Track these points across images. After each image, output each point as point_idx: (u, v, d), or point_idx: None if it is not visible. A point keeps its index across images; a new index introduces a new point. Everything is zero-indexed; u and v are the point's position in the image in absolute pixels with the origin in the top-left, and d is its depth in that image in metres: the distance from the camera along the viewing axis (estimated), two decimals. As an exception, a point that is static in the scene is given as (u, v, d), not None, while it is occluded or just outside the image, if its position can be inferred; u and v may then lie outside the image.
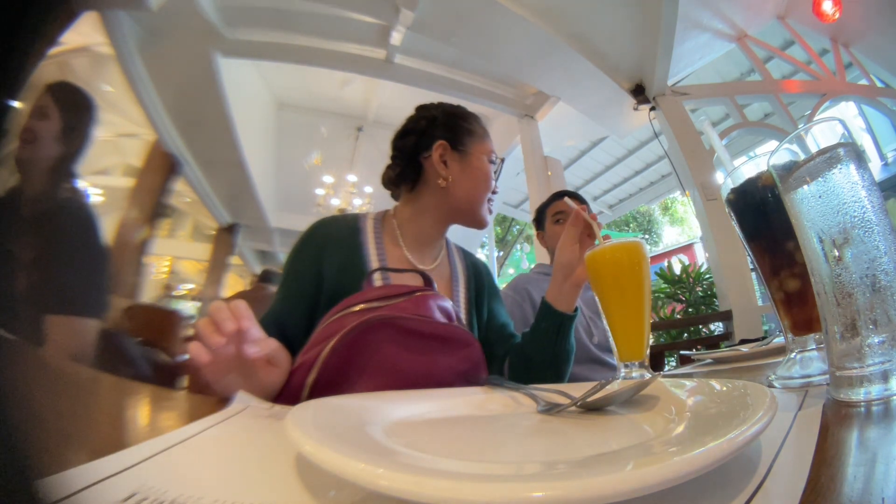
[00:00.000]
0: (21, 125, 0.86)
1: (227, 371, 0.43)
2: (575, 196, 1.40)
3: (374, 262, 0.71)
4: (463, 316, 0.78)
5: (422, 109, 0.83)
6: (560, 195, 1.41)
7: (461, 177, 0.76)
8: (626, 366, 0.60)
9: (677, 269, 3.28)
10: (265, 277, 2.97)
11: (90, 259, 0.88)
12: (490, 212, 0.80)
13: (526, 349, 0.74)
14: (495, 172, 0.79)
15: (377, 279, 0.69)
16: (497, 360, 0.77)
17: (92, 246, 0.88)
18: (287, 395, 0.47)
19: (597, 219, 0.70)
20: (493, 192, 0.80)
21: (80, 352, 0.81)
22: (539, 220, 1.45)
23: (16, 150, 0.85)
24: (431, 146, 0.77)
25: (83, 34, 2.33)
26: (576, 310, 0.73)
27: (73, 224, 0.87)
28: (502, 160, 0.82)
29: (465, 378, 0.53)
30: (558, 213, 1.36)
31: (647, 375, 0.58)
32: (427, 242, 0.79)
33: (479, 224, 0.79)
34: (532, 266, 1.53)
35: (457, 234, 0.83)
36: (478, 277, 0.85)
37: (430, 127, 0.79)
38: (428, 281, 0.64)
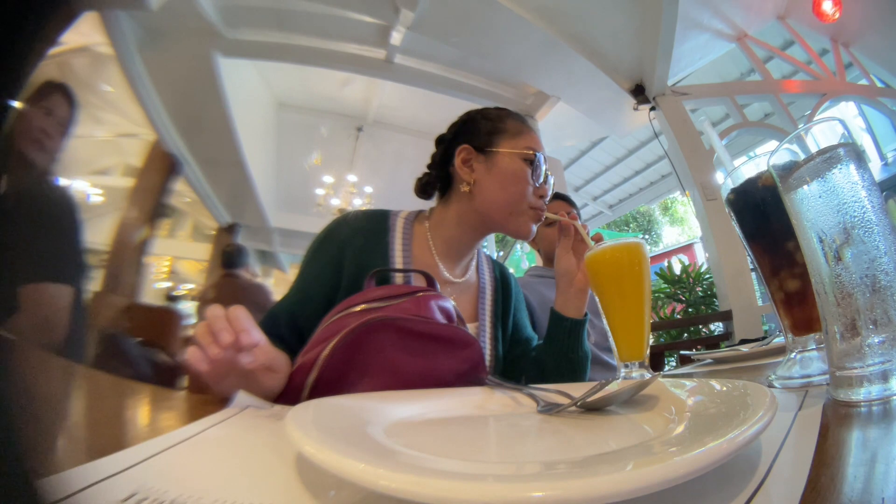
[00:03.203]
0: (41, 125, 0.87)
1: (226, 376, 0.43)
2: (562, 198, 1.41)
3: (399, 265, 0.69)
4: (488, 330, 0.76)
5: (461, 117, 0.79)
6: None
7: (486, 179, 0.70)
8: (626, 366, 0.60)
9: (677, 269, 3.28)
10: (229, 261, 2.31)
11: (58, 228, 0.88)
12: (536, 218, 0.71)
13: (540, 358, 0.74)
14: (534, 170, 0.70)
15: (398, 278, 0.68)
16: (518, 375, 0.76)
17: (61, 217, 0.89)
18: (287, 395, 0.47)
19: (587, 227, 0.71)
20: (541, 196, 0.71)
21: (52, 318, 0.82)
22: None
23: (24, 145, 0.86)
24: (455, 152, 0.72)
25: (83, 34, 2.33)
26: (585, 315, 0.73)
27: (41, 198, 0.88)
28: (537, 154, 0.70)
29: (465, 378, 0.53)
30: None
31: (647, 375, 0.58)
32: (459, 251, 0.74)
33: (515, 233, 0.71)
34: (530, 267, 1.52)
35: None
36: (505, 290, 0.82)
37: (456, 133, 0.75)
38: (430, 281, 0.64)
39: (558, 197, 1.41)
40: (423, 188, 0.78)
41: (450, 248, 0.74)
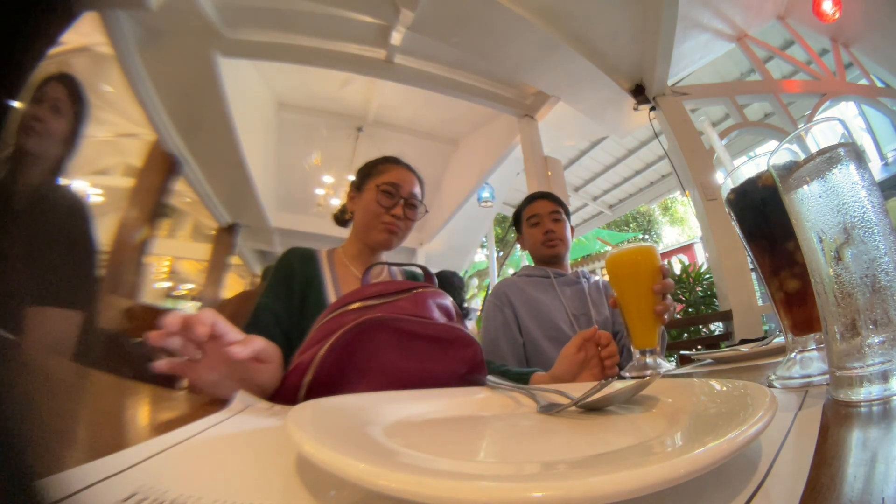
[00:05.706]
0: (30, 112, 0.84)
1: (214, 378, 0.43)
2: (546, 196, 1.36)
3: (327, 276, 0.86)
4: None
5: None
6: (532, 198, 1.39)
7: (357, 208, 0.94)
8: (641, 352, 0.72)
9: (677, 269, 3.28)
10: (267, 276, 2.76)
11: (72, 251, 0.85)
12: (392, 232, 0.90)
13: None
14: (386, 194, 0.89)
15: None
16: None
17: (75, 239, 0.86)
18: (283, 395, 0.47)
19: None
20: (393, 215, 0.89)
21: (58, 343, 0.79)
22: (517, 225, 1.42)
23: (19, 139, 0.83)
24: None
25: (83, 34, 2.33)
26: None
27: (59, 217, 0.85)
28: (379, 185, 0.91)
29: (464, 379, 0.53)
30: (532, 216, 1.33)
31: (659, 361, 0.70)
32: (364, 262, 0.93)
33: (374, 244, 0.91)
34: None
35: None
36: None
37: (353, 180, 0.99)
38: (429, 276, 0.64)
39: (542, 196, 1.37)
40: (337, 220, 1.03)
41: (358, 260, 0.93)
